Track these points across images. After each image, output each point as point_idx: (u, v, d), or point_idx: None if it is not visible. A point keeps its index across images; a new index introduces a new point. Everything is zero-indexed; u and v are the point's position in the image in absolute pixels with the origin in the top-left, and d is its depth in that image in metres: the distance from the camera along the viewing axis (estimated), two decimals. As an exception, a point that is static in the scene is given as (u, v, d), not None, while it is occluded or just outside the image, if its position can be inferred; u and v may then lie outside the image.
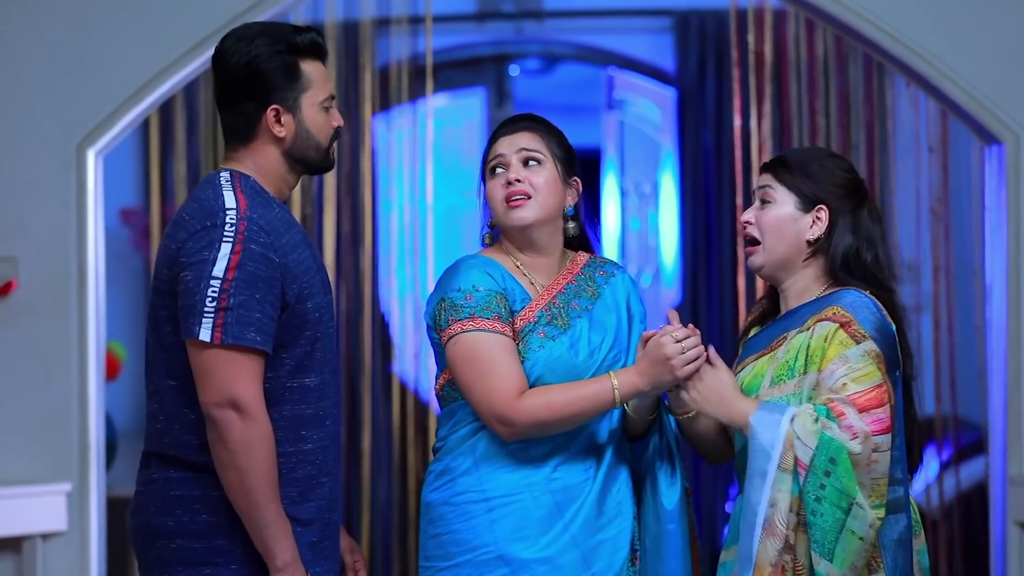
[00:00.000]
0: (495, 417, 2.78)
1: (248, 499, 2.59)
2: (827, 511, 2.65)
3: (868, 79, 5.98)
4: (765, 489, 2.68)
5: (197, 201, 2.67)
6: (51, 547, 4.36)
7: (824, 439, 2.65)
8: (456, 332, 2.80)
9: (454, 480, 2.86)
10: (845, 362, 2.70)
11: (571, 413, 2.79)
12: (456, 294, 2.82)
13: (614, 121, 7.19)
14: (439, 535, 2.86)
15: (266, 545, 2.62)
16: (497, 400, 2.77)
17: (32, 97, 4.39)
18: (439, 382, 2.92)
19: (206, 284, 2.57)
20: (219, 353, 2.57)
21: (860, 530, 2.66)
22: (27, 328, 4.36)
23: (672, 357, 2.77)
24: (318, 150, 2.75)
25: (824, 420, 2.67)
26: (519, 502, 2.83)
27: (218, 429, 2.58)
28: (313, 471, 2.71)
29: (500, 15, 6.65)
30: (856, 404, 2.67)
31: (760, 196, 2.87)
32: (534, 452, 2.85)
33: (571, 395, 2.79)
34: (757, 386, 2.81)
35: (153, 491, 2.69)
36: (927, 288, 5.82)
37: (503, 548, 2.81)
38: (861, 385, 2.69)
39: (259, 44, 2.69)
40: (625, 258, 7.30)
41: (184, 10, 4.40)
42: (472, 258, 2.90)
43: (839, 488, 2.64)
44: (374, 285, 6.07)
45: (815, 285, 2.86)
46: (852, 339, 2.71)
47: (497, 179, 2.91)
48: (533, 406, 2.77)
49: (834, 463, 2.65)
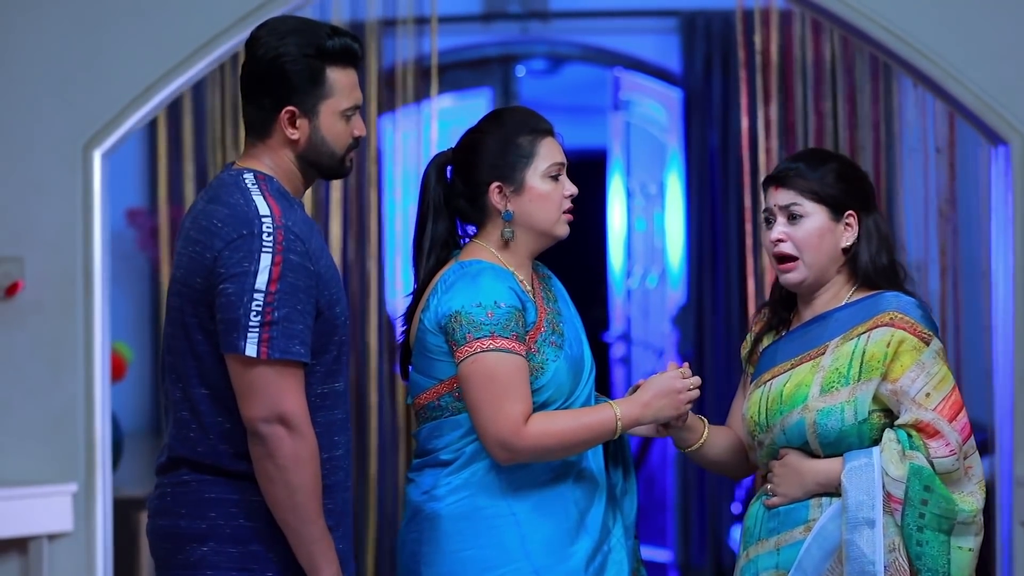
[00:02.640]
0: (498, 442, 2.72)
1: (297, 515, 2.55)
2: (931, 538, 2.66)
3: (875, 80, 5.98)
4: (877, 538, 2.66)
5: (227, 206, 2.59)
6: (57, 547, 4.37)
7: (914, 469, 2.66)
8: (475, 351, 2.73)
9: (476, 494, 2.79)
10: (923, 368, 2.71)
11: (573, 443, 2.76)
12: (476, 310, 2.75)
13: (620, 122, 7.19)
14: (458, 551, 2.78)
15: (313, 560, 2.58)
16: (504, 425, 2.72)
17: (38, 97, 4.39)
18: (436, 391, 2.83)
19: (249, 297, 2.51)
20: (265, 368, 2.52)
21: (967, 543, 2.69)
22: (33, 328, 4.37)
23: (682, 391, 2.79)
24: (332, 157, 2.69)
25: (910, 452, 2.67)
26: (549, 516, 2.79)
27: (267, 445, 2.53)
28: (342, 476, 2.69)
29: (506, 16, 6.65)
30: (945, 415, 2.68)
31: (787, 213, 2.83)
32: (555, 464, 2.81)
33: (575, 424, 2.76)
34: (804, 396, 2.77)
35: (184, 493, 2.63)
36: (934, 289, 5.81)
37: (537, 563, 2.77)
38: (942, 392, 2.70)
39: (289, 42, 2.62)
40: (631, 259, 7.30)
41: (192, 10, 4.40)
42: (492, 269, 2.82)
43: (938, 513, 2.65)
44: (380, 286, 6.07)
45: (843, 291, 2.85)
46: (922, 341, 2.72)
47: (559, 185, 2.86)
48: (537, 434, 2.73)
49: (929, 491, 2.66)
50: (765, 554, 2.81)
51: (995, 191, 4.56)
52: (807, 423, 2.75)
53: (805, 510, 2.77)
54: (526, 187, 2.84)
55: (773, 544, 2.80)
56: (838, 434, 2.73)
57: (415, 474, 2.87)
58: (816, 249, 2.81)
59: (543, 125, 2.88)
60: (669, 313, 6.89)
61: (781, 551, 2.77)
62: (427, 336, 2.81)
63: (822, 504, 2.76)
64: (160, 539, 2.67)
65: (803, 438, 2.76)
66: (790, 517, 2.79)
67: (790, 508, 2.79)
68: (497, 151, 2.85)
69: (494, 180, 2.85)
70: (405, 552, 2.87)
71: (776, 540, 2.79)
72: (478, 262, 2.84)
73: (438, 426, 2.83)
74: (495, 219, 2.87)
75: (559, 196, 2.87)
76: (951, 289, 5.75)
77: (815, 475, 2.76)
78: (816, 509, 2.76)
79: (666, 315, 6.95)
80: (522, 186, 2.84)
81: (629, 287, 7.32)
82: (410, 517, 2.86)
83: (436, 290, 2.83)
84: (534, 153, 2.85)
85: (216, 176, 2.73)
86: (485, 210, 2.87)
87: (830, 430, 2.73)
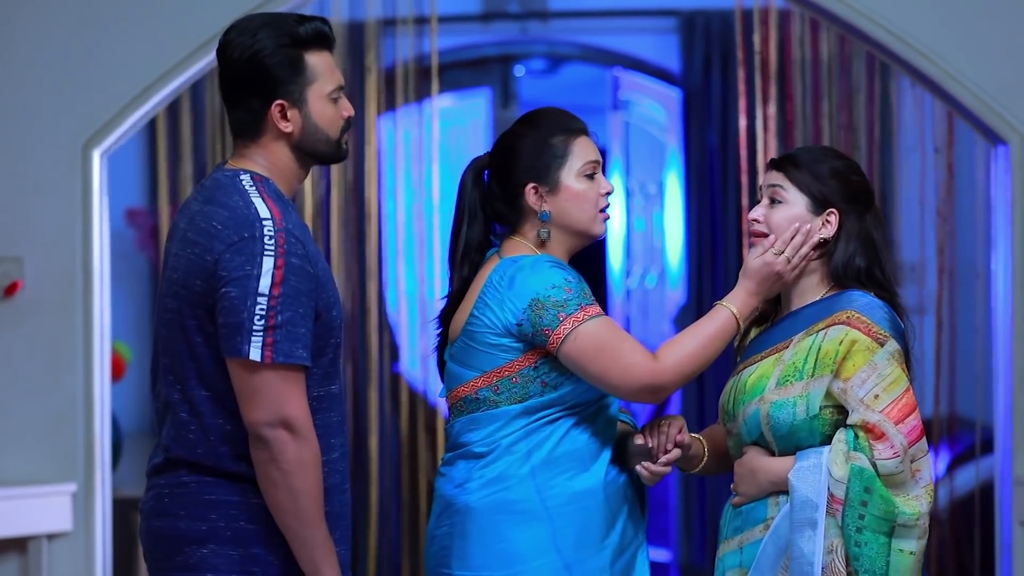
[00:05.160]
0: (644, 388, 2.77)
1: (300, 519, 2.55)
2: (870, 539, 2.65)
3: (873, 79, 5.98)
4: (818, 539, 2.67)
5: (226, 208, 2.58)
6: (56, 547, 4.37)
7: (855, 470, 2.66)
8: (572, 327, 2.75)
9: (510, 488, 2.80)
10: (874, 369, 2.71)
11: (710, 354, 2.82)
12: (554, 291, 2.76)
13: (619, 121, 7.19)
14: (491, 544, 2.79)
15: (315, 565, 2.57)
16: (640, 373, 2.76)
17: (38, 97, 4.39)
18: (475, 383, 2.84)
19: (252, 301, 2.50)
20: (269, 372, 2.51)
21: (909, 546, 2.68)
22: (33, 328, 4.37)
23: (776, 264, 2.82)
24: (328, 143, 2.68)
25: (852, 453, 2.68)
26: (580, 511, 2.81)
27: (271, 450, 2.52)
28: (339, 479, 2.68)
29: (505, 15, 6.65)
30: (892, 417, 2.68)
31: (770, 195, 2.86)
32: (587, 460, 2.83)
33: (702, 338, 2.81)
34: (762, 387, 2.80)
35: (183, 494, 2.62)
36: (931, 289, 5.81)
37: (568, 557, 2.78)
38: (892, 394, 2.69)
39: (261, 37, 2.61)
40: (630, 258, 7.31)
41: (190, 10, 4.40)
42: (543, 256, 2.84)
43: (878, 515, 2.65)
44: (379, 287, 6.07)
45: (818, 287, 2.86)
46: (876, 342, 2.72)
47: (595, 184, 2.88)
48: (675, 363, 2.78)
49: (869, 492, 2.66)
50: (730, 553, 2.84)
51: (994, 191, 4.56)
52: (761, 414, 2.78)
53: (764, 508, 2.79)
54: (562, 187, 2.86)
55: (737, 543, 2.82)
56: (790, 427, 2.75)
57: (447, 468, 2.88)
58: None
59: (576, 124, 2.91)
60: (668, 313, 6.90)
61: (744, 550, 2.80)
62: (485, 335, 2.81)
63: (779, 502, 2.77)
64: (157, 541, 2.65)
65: (759, 429, 2.79)
66: (751, 516, 2.81)
67: (751, 507, 2.81)
68: (532, 152, 2.87)
69: (530, 181, 2.86)
70: (435, 546, 2.87)
71: (739, 539, 2.82)
72: (525, 256, 2.85)
73: (474, 419, 2.84)
74: (532, 220, 2.89)
75: (595, 194, 2.89)
76: (947, 289, 5.76)
77: (767, 474, 2.78)
78: (774, 507, 2.78)
79: (665, 315, 6.95)
80: (558, 186, 2.86)
81: (628, 287, 7.32)
82: (441, 511, 2.87)
83: (494, 287, 2.82)
84: (568, 152, 2.87)
85: (209, 176, 2.72)
86: (522, 211, 2.89)
87: (782, 423, 2.75)
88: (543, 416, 2.82)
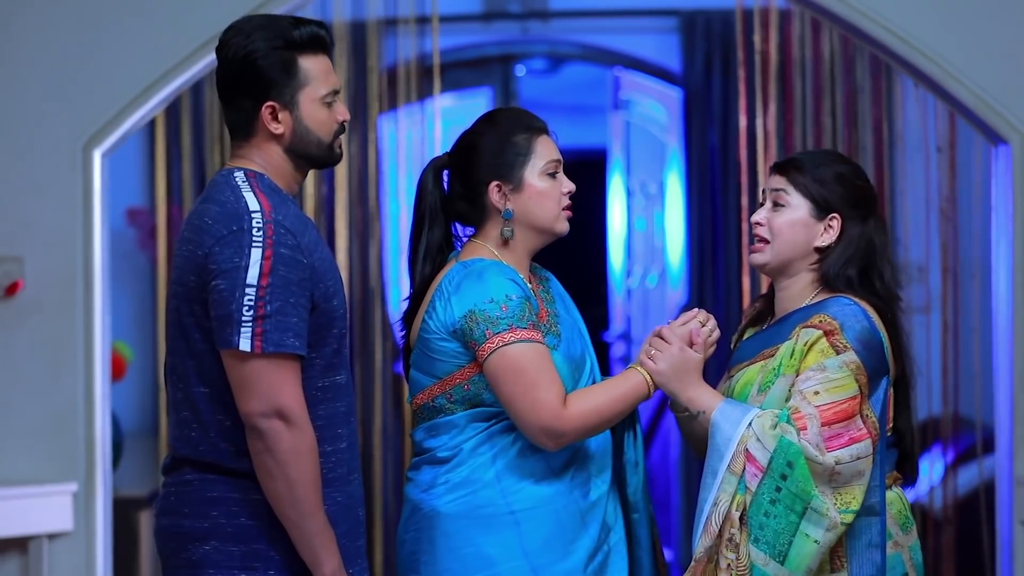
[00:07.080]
0: (543, 430, 2.73)
1: (297, 509, 2.56)
2: (781, 513, 2.65)
3: (875, 79, 5.98)
4: (713, 488, 2.69)
5: (218, 204, 2.61)
6: (57, 547, 4.37)
7: (783, 443, 2.65)
8: (497, 346, 2.73)
9: (475, 492, 2.79)
10: (822, 371, 2.70)
11: (615, 413, 2.79)
12: (490, 306, 2.75)
13: (620, 121, 7.19)
14: (457, 549, 2.79)
15: (315, 554, 2.59)
16: (545, 413, 2.72)
17: (38, 97, 4.39)
18: (431, 391, 2.84)
19: (241, 292, 2.52)
20: (260, 362, 2.53)
21: (816, 534, 2.65)
22: (33, 328, 4.37)
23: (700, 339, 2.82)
24: (320, 146, 2.70)
25: (783, 424, 2.67)
26: (548, 514, 2.80)
27: (265, 440, 2.53)
28: (345, 470, 2.69)
29: (506, 15, 6.65)
30: (822, 417, 2.67)
31: (773, 199, 2.86)
32: (554, 463, 2.82)
33: (611, 395, 2.79)
34: (746, 395, 2.82)
35: (187, 492, 2.64)
36: (936, 289, 5.81)
37: (535, 561, 2.78)
38: (833, 396, 2.68)
39: (256, 39, 2.63)
40: (631, 258, 7.30)
41: (190, 10, 4.40)
42: (495, 265, 2.82)
43: (794, 492, 2.65)
44: (383, 286, 6.07)
45: (809, 290, 2.86)
46: (833, 349, 2.71)
47: (557, 183, 2.87)
48: (580, 414, 2.75)
49: (791, 467, 2.65)
50: None
51: (995, 191, 4.56)
52: None
53: None
54: (525, 185, 2.85)
55: None
56: None
57: (414, 472, 2.88)
58: (787, 239, 2.84)
59: (537, 123, 2.90)
60: (669, 312, 6.89)
61: None
62: (433, 340, 2.81)
63: None
64: (164, 539, 2.68)
65: None
66: None
67: None
68: (494, 150, 2.86)
69: (493, 179, 2.85)
70: (404, 550, 2.87)
71: None
72: (480, 260, 2.84)
73: (434, 426, 2.84)
74: (495, 218, 2.88)
75: (557, 193, 2.88)
76: (951, 289, 5.75)
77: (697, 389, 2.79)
78: None
79: (666, 314, 6.95)
80: (521, 184, 2.85)
81: (629, 286, 7.32)
82: (408, 515, 2.87)
83: (441, 292, 2.82)
84: (531, 151, 2.86)
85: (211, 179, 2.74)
86: (484, 210, 2.88)
87: None
88: (498, 421, 2.81)
